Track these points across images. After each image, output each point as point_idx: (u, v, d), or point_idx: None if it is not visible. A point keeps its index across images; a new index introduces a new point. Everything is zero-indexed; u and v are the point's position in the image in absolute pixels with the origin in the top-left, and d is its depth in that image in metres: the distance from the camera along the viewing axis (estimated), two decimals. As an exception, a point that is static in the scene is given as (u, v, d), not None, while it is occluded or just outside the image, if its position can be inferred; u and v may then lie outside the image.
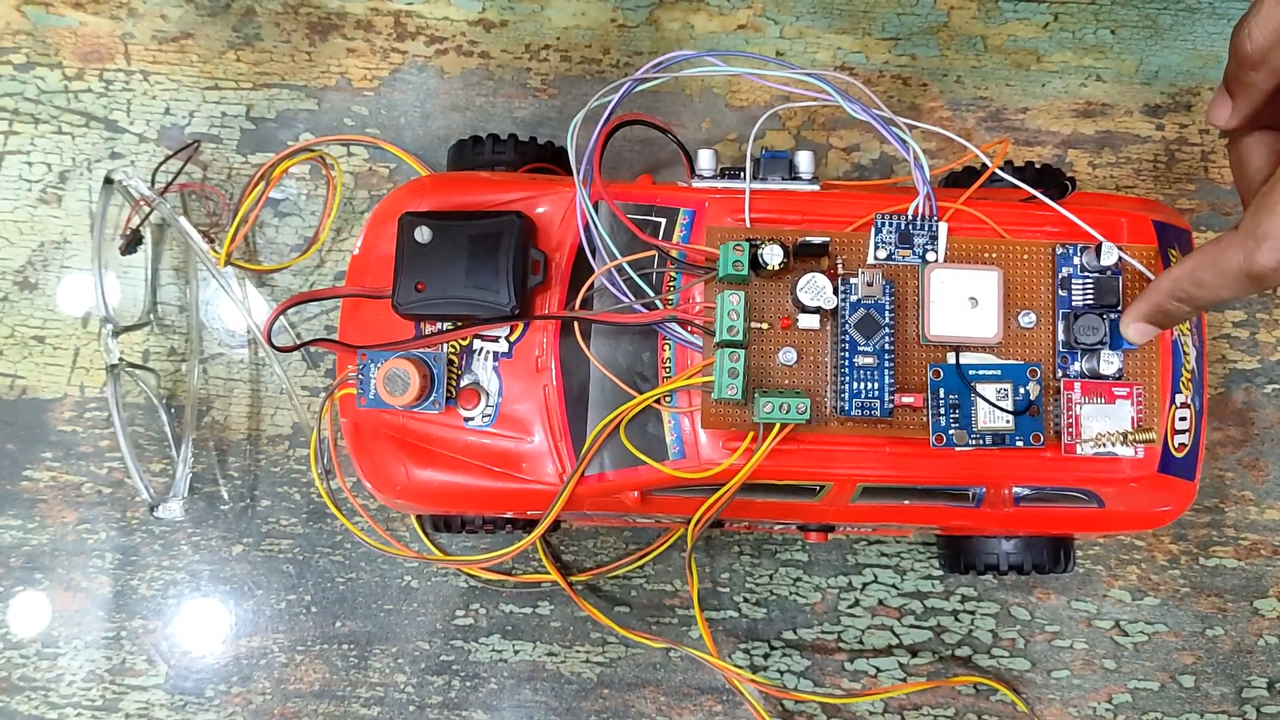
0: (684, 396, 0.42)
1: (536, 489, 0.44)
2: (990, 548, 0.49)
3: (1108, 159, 0.58)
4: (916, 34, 0.59)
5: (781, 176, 0.44)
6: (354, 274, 0.46)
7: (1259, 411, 0.56)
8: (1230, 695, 0.54)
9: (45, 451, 0.56)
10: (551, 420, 0.43)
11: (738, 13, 0.59)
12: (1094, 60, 0.59)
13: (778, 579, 0.55)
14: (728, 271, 0.40)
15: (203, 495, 0.55)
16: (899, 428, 0.41)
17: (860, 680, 0.54)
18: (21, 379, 0.56)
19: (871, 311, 0.41)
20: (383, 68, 0.58)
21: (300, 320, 0.57)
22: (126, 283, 0.57)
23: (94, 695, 0.54)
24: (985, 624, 0.54)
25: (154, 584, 0.55)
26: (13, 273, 0.57)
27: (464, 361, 0.44)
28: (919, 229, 0.42)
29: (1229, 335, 0.57)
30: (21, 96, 0.58)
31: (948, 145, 0.57)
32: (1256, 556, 0.55)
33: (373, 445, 0.45)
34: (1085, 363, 0.42)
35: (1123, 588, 0.55)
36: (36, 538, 0.55)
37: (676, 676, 0.54)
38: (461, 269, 0.42)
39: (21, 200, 0.57)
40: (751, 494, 0.44)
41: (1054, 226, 0.43)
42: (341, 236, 0.57)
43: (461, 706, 0.54)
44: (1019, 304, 0.42)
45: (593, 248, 0.43)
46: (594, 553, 0.55)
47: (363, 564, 0.55)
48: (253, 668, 0.54)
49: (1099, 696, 0.54)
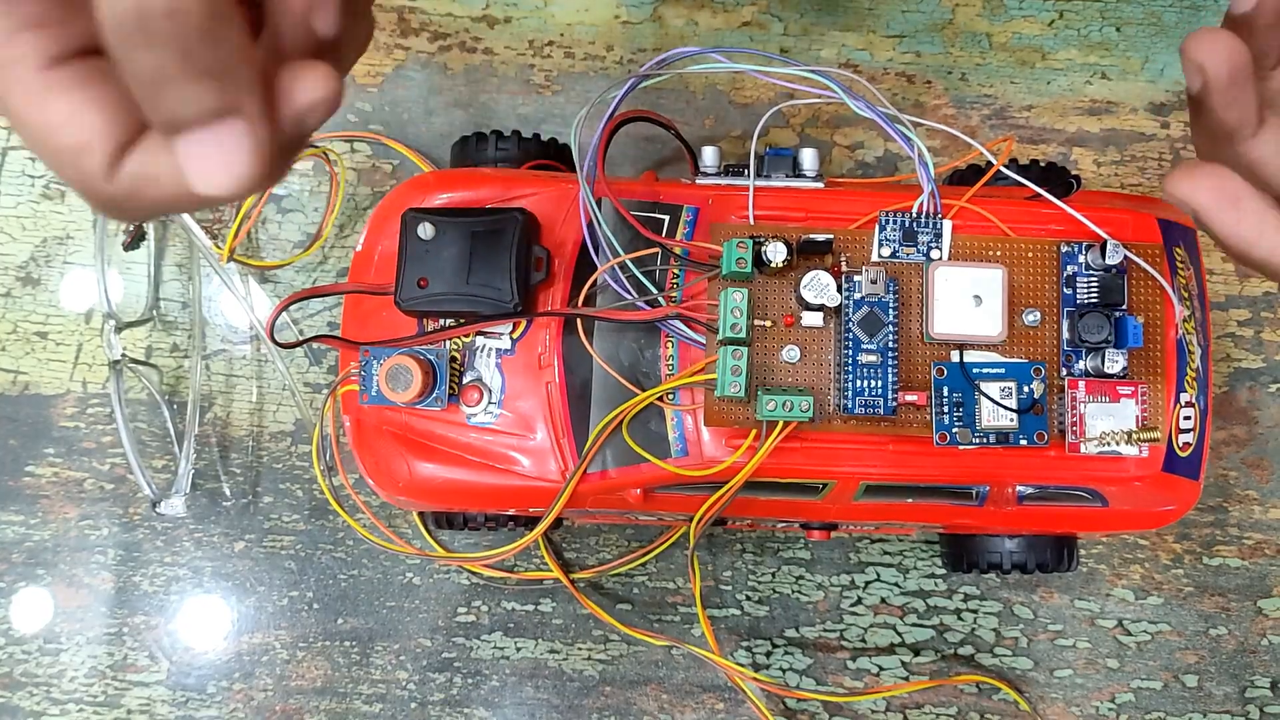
0: (687, 394, 0.42)
1: (539, 486, 0.44)
2: (993, 546, 0.49)
3: (1113, 157, 0.58)
4: (921, 31, 0.59)
5: (785, 174, 0.44)
6: (356, 270, 0.46)
7: (1263, 411, 0.56)
8: (1233, 695, 0.54)
9: (47, 447, 0.56)
10: (554, 417, 0.43)
11: (742, 9, 0.59)
12: (1099, 58, 0.59)
13: (780, 577, 0.55)
14: (731, 269, 0.40)
15: (205, 491, 0.55)
16: (902, 426, 0.41)
17: (862, 679, 0.54)
18: (24, 375, 0.56)
19: (875, 309, 0.41)
20: (386, 64, 0.58)
21: (303, 317, 0.57)
22: (129, 279, 0.57)
23: (96, 691, 0.54)
24: (988, 623, 0.54)
25: (156, 580, 0.55)
26: (15, 268, 0.57)
27: (466, 358, 0.44)
28: (923, 227, 0.42)
29: (1233, 334, 0.57)
30: (24, 92, 0.58)
31: (952, 143, 0.57)
32: (1260, 556, 0.55)
33: (375, 442, 0.45)
34: (1090, 361, 0.42)
35: (1126, 587, 0.55)
36: (39, 533, 0.55)
37: (678, 674, 0.54)
38: (464, 266, 0.42)
39: (24, 196, 0.57)
40: (754, 492, 0.43)
41: (1059, 225, 0.43)
42: (344, 233, 0.57)
43: (463, 704, 0.54)
44: (1023, 302, 0.42)
45: (596, 245, 0.43)
46: (596, 550, 0.55)
47: (365, 561, 0.55)
48: (254, 664, 0.54)
49: (1102, 696, 0.54)
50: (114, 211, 0.27)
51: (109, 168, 0.25)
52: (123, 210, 0.26)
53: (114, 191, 0.25)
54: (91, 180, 0.25)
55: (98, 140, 0.25)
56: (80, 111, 0.24)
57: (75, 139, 0.25)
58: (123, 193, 0.25)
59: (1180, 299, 0.43)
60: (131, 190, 0.25)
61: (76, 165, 0.25)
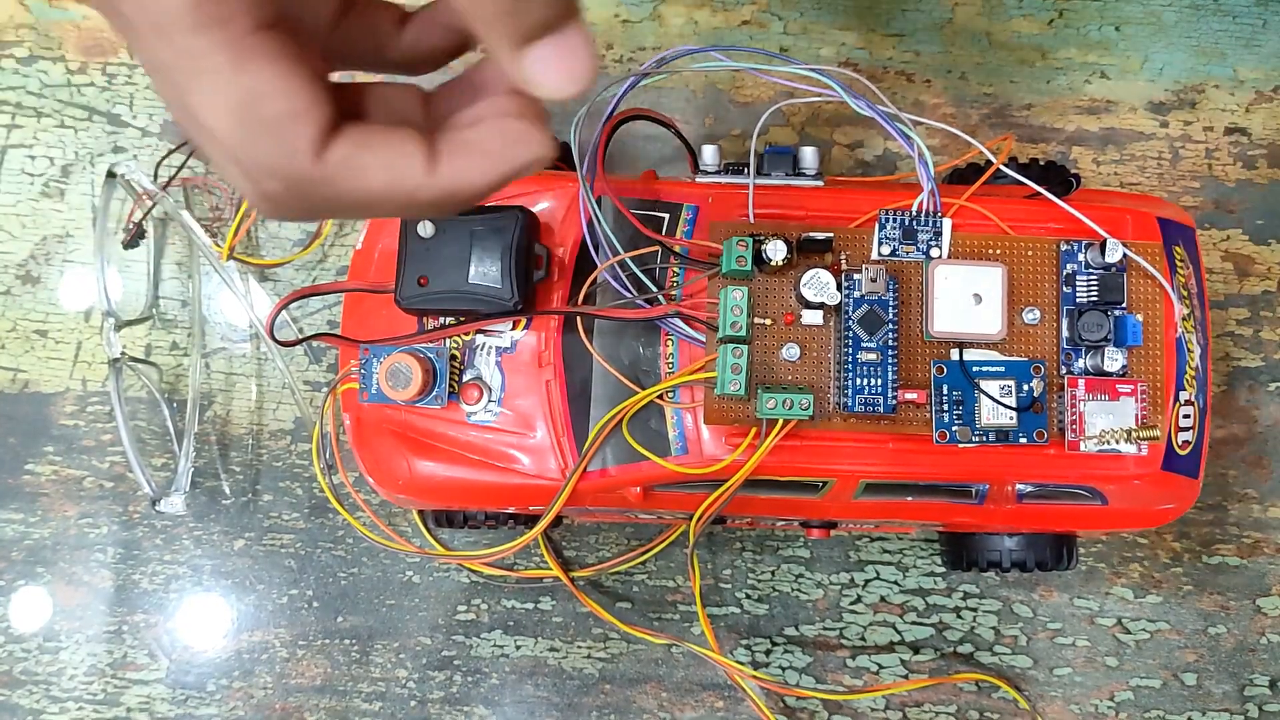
0: (687, 392, 0.42)
1: (539, 484, 0.44)
2: (993, 545, 0.49)
3: (1112, 156, 0.58)
4: (921, 30, 0.59)
5: (785, 172, 0.44)
6: (356, 269, 0.46)
7: (1262, 409, 0.56)
8: (1232, 693, 0.54)
9: (47, 446, 0.56)
10: (554, 415, 0.43)
11: (742, 8, 0.59)
12: (1098, 57, 0.59)
13: (780, 575, 0.55)
14: (731, 267, 0.40)
15: (204, 490, 0.55)
16: (902, 424, 0.41)
17: (862, 677, 0.54)
18: (23, 373, 0.56)
19: (875, 307, 0.41)
20: (386, 62, 0.58)
21: (303, 315, 0.57)
22: (129, 277, 0.57)
23: (95, 689, 0.54)
24: (987, 621, 0.54)
25: (155, 578, 0.55)
26: (15, 267, 0.57)
27: (466, 356, 0.44)
28: (923, 225, 0.42)
29: (1233, 333, 0.57)
30: (24, 90, 0.58)
31: (952, 141, 0.57)
32: (1259, 554, 0.55)
33: (375, 440, 0.45)
34: (1089, 359, 0.42)
35: (1125, 585, 0.55)
36: (38, 532, 0.55)
37: (678, 672, 0.54)
38: (464, 264, 0.42)
39: (24, 194, 0.57)
40: (754, 490, 0.44)
41: (1058, 223, 0.43)
42: (344, 231, 0.57)
43: (463, 702, 0.54)
44: (1023, 300, 0.42)
45: (596, 243, 0.43)
46: (596, 548, 0.55)
47: (365, 559, 0.55)
48: (254, 662, 0.54)
49: (1101, 694, 0.54)
50: (298, 199, 0.25)
51: (320, 144, 0.24)
52: (309, 199, 0.25)
53: (318, 173, 0.25)
54: (297, 156, 0.24)
55: (313, 111, 0.24)
56: (290, 79, 0.24)
57: (287, 106, 0.24)
58: (327, 175, 0.25)
59: (1179, 297, 0.43)
60: (335, 175, 0.25)
61: (283, 137, 0.24)
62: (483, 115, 0.27)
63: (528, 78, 0.24)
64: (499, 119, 0.26)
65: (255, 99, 0.24)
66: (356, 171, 0.25)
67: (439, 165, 0.26)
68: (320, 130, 0.24)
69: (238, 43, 0.23)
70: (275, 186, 0.25)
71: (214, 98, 0.24)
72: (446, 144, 0.26)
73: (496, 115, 0.26)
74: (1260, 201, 0.57)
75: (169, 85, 0.24)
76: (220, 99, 0.24)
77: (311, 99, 0.24)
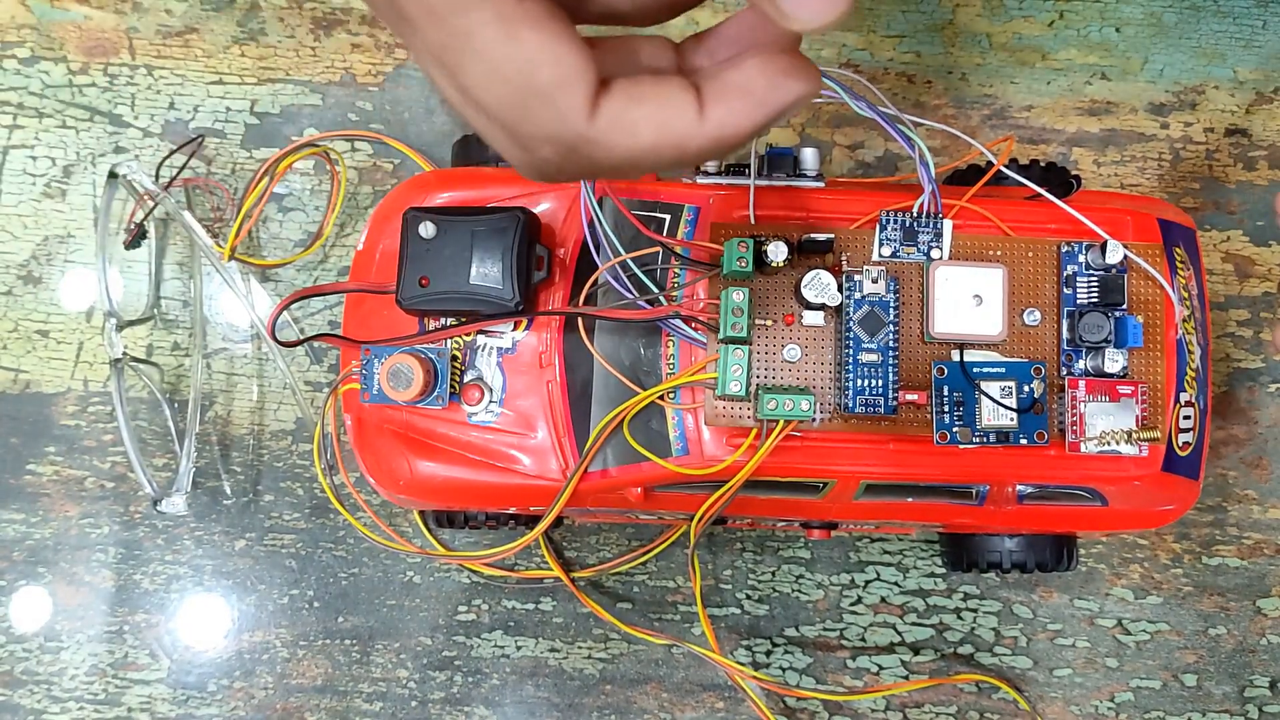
0: (688, 393, 0.42)
1: (540, 485, 0.44)
2: (993, 546, 0.49)
3: (1113, 157, 0.58)
4: (921, 31, 0.59)
5: (786, 173, 0.44)
6: (358, 269, 0.47)
7: (1262, 410, 0.56)
8: (1233, 694, 0.54)
9: (48, 446, 0.56)
10: (555, 416, 0.43)
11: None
12: (1099, 58, 0.59)
13: (780, 576, 0.55)
14: (732, 268, 0.40)
15: (205, 490, 0.55)
16: (903, 425, 0.41)
17: (862, 678, 0.54)
18: (25, 373, 0.56)
19: (876, 309, 0.41)
20: (387, 63, 0.58)
21: (304, 315, 0.57)
22: (130, 277, 0.57)
23: (96, 689, 0.54)
24: (987, 622, 0.54)
25: (156, 578, 0.55)
26: (16, 267, 0.57)
27: (467, 357, 0.44)
28: (924, 226, 0.42)
29: (1233, 334, 0.57)
30: (26, 90, 0.58)
31: (952, 143, 0.57)
32: (1260, 555, 0.55)
33: (376, 440, 0.45)
34: (1090, 361, 0.42)
35: (1125, 586, 0.55)
36: (39, 532, 0.55)
37: (679, 673, 0.54)
38: (465, 265, 0.42)
39: (25, 194, 0.57)
40: (754, 491, 0.44)
41: (1059, 224, 0.43)
42: (345, 232, 0.57)
43: (463, 702, 0.54)
44: (1024, 301, 0.42)
45: (597, 244, 0.43)
46: (596, 549, 0.55)
47: (365, 559, 0.55)
48: (255, 662, 0.54)
49: (1101, 695, 0.54)
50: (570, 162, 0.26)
51: (591, 106, 0.25)
52: (580, 161, 0.26)
53: (592, 134, 0.25)
54: (571, 120, 0.25)
55: (582, 75, 0.24)
56: (559, 45, 0.24)
57: (559, 72, 0.24)
58: (599, 135, 0.25)
59: (1180, 299, 0.43)
60: (606, 133, 0.25)
61: (556, 104, 0.24)
62: (740, 59, 0.26)
63: (784, 9, 0.24)
64: (760, 57, 0.26)
65: (529, 68, 0.24)
66: (628, 127, 0.25)
67: (706, 111, 0.26)
68: (591, 90, 0.25)
69: (506, 15, 0.24)
70: (549, 153, 0.25)
71: (489, 73, 0.24)
72: (710, 89, 0.26)
73: (755, 55, 0.26)
74: (1260, 203, 0.57)
75: (443, 70, 0.25)
76: (496, 74, 0.24)
77: (580, 61, 0.24)
